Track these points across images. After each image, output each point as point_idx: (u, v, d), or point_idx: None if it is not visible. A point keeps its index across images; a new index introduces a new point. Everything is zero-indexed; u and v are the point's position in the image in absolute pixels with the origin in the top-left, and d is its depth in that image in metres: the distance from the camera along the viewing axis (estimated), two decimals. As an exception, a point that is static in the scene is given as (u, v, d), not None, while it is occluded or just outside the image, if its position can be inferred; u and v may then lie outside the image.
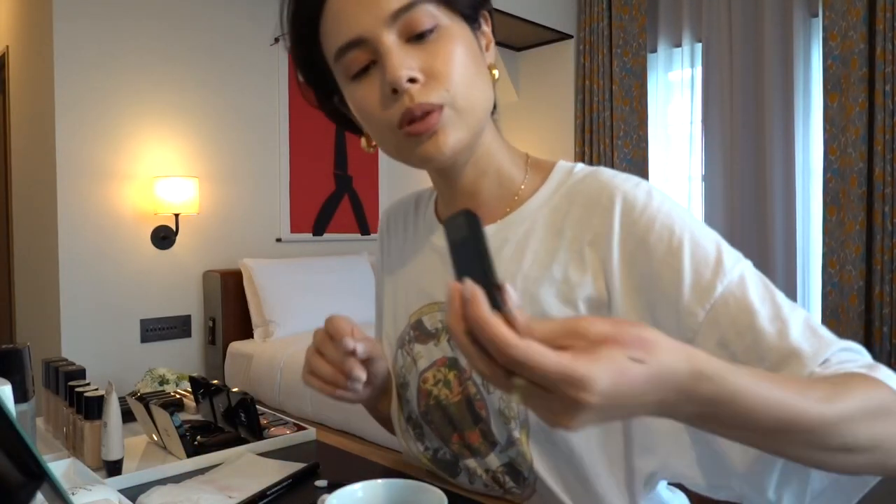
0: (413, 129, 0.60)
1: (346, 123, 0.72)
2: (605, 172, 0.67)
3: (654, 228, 0.62)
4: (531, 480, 0.68)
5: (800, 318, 0.58)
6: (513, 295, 0.40)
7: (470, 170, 0.69)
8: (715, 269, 0.59)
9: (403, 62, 0.59)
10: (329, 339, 0.67)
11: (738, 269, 0.60)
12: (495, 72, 0.66)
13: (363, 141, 0.70)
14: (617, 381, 0.39)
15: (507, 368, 0.39)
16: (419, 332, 0.75)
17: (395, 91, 0.59)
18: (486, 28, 0.67)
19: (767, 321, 0.57)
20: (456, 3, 0.62)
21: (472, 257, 0.40)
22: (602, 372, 0.38)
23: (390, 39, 0.59)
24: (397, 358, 0.79)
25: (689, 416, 0.45)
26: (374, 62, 0.61)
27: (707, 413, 0.45)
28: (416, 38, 0.60)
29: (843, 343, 0.58)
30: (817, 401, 0.47)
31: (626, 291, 0.62)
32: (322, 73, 0.67)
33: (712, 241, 0.61)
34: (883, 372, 0.54)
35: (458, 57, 0.61)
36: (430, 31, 0.60)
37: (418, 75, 0.59)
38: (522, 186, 0.70)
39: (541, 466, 0.66)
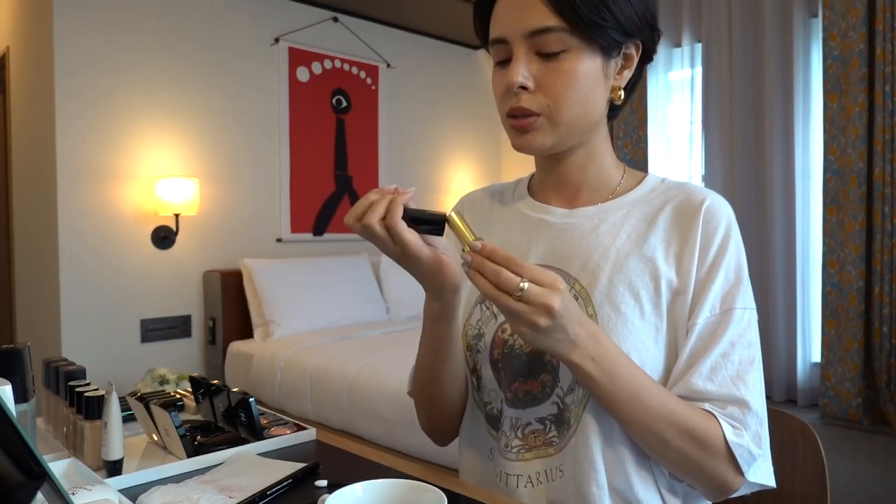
0: (512, 123, 0.78)
1: None
2: (693, 184, 0.85)
3: (719, 237, 0.77)
4: (573, 430, 0.76)
5: (738, 370, 0.73)
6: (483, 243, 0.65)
7: (576, 162, 0.85)
8: (732, 295, 0.76)
9: (521, 71, 0.74)
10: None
11: (744, 308, 0.76)
12: (620, 93, 0.79)
13: None
14: (568, 300, 0.64)
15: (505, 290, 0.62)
16: None
17: (509, 91, 0.76)
18: (633, 53, 0.79)
19: (718, 354, 0.73)
20: (592, 37, 0.73)
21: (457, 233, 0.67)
22: (563, 292, 0.63)
23: (522, 50, 0.74)
24: (474, 313, 0.88)
25: (585, 355, 0.67)
26: (508, 60, 0.77)
27: (598, 353, 0.68)
28: (544, 55, 0.74)
29: (755, 407, 0.72)
30: (655, 397, 0.70)
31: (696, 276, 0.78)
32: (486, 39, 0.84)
33: (745, 274, 0.78)
34: (726, 423, 0.70)
35: (572, 80, 0.74)
36: (557, 53, 0.74)
37: (530, 84, 0.75)
38: (618, 186, 0.86)
39: (591, 411, 0.76)
